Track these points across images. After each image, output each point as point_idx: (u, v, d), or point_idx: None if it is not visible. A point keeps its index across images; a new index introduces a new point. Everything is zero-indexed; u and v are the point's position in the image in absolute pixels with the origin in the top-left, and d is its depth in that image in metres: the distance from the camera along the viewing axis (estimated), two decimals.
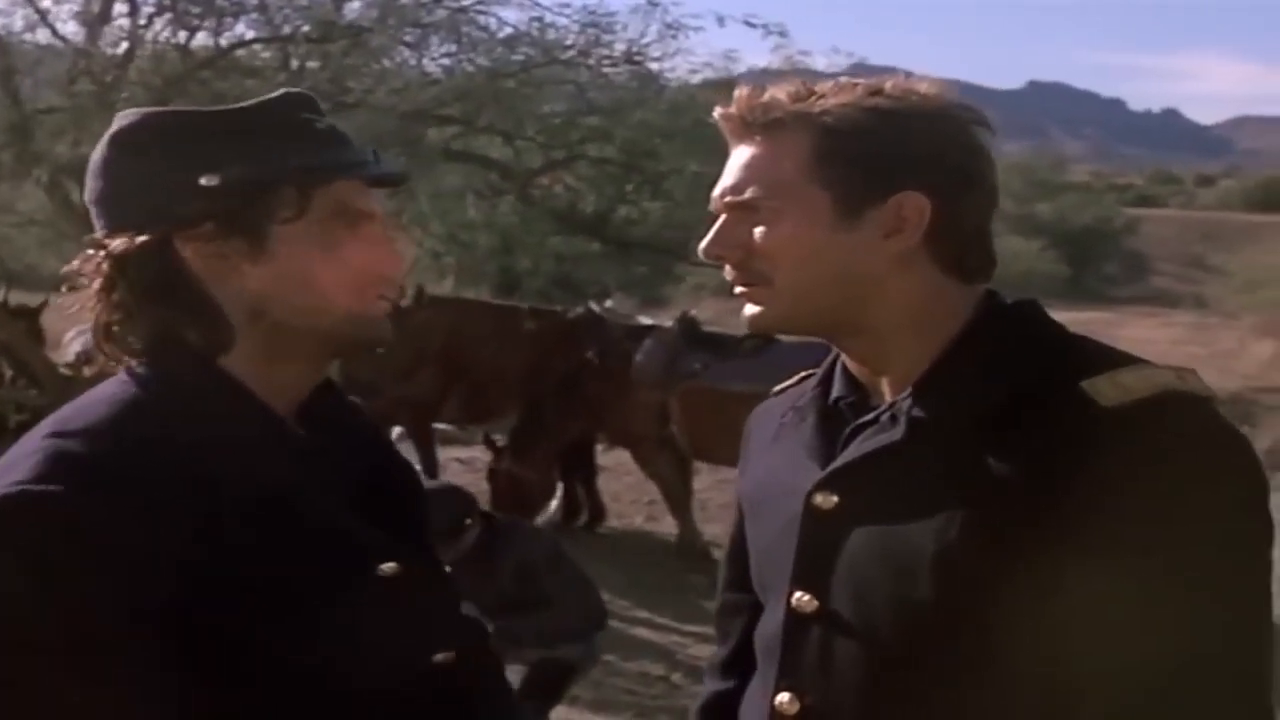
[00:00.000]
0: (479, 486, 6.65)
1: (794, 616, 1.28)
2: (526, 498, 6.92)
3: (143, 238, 1.23)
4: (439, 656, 1.31)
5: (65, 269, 1.27)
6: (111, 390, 1.25)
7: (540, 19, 8.27)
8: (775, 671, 1.30)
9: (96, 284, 1.25)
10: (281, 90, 1.32)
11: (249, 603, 1.18)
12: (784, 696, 1.28)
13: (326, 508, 1.26)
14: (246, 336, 1.26)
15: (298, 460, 1.27)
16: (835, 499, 1.26)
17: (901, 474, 1.22)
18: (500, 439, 7.26)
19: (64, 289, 1.28)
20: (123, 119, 1.30)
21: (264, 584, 1.19)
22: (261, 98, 1.30)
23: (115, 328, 1.26)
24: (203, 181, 1.22)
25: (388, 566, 1.27)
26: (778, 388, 1.49)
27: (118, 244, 1.24)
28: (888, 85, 1.27)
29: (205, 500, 1.17)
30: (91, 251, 1.26)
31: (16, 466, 1.16)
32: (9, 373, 7.21)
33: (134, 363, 1.26)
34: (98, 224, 1.28)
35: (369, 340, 1.31)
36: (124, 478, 1.15)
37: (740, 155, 1.29)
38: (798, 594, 1.28)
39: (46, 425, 1.22)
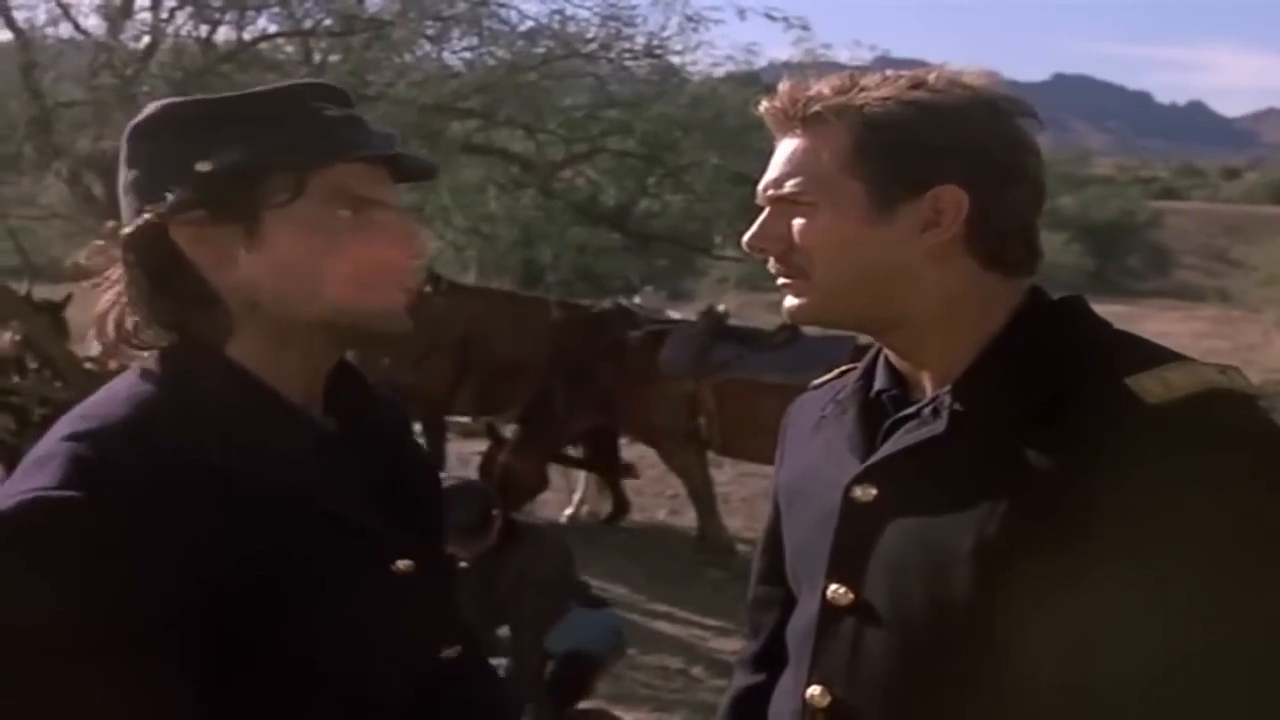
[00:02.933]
0: None
1: (828, 608, 1.27)
2: (514, 488, 6.77)
3: (138, 222, 1.21)
4: (446, 652, 1.32)
5: (82, 258, 1.26)
6: (127, 388, 1.22)
7: (560, 12, 8.27)
8: (808, 664, 1.29)
9: (113, 274, 1.24)
10: (306, 79, 1.30)
11: (267, 601, 1.16)
12: (815, 689, 1.27)
13: (347, 502, 1.24)
14: (249, 326, 1.23)
15: (318, 452, 1.25)
16: (874, 492, 1.25)
17: (941, 468, 1.21)
18: (509, 432, 7.15)
19: (87, 284, 1.26)
20: (144, 110, 1.28)
21: (282, 582, 1.16)
22: (274, 84, 1.27)
23: (125, 319, 1.23)
24: (198, 168, 1.20)
25: (403, 564, 1.26)
26: (816, 381, 1.48)
27: (124, 230, 1.22)
28: (931, 77, 1.25)
29: (226, 500, 1.14)
30: (104, 240, 1.24)
31: (35, 471, 1.13)
32: (33, 366, 7.24)
33: (148, 356, 1.24)
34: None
35: (378, 331, 1.27)
36: (143, 481, 1.12)
37: (783, 149, 1.29)
38: (833, 586, 1.27)
39: (64, 426, 1.19)
